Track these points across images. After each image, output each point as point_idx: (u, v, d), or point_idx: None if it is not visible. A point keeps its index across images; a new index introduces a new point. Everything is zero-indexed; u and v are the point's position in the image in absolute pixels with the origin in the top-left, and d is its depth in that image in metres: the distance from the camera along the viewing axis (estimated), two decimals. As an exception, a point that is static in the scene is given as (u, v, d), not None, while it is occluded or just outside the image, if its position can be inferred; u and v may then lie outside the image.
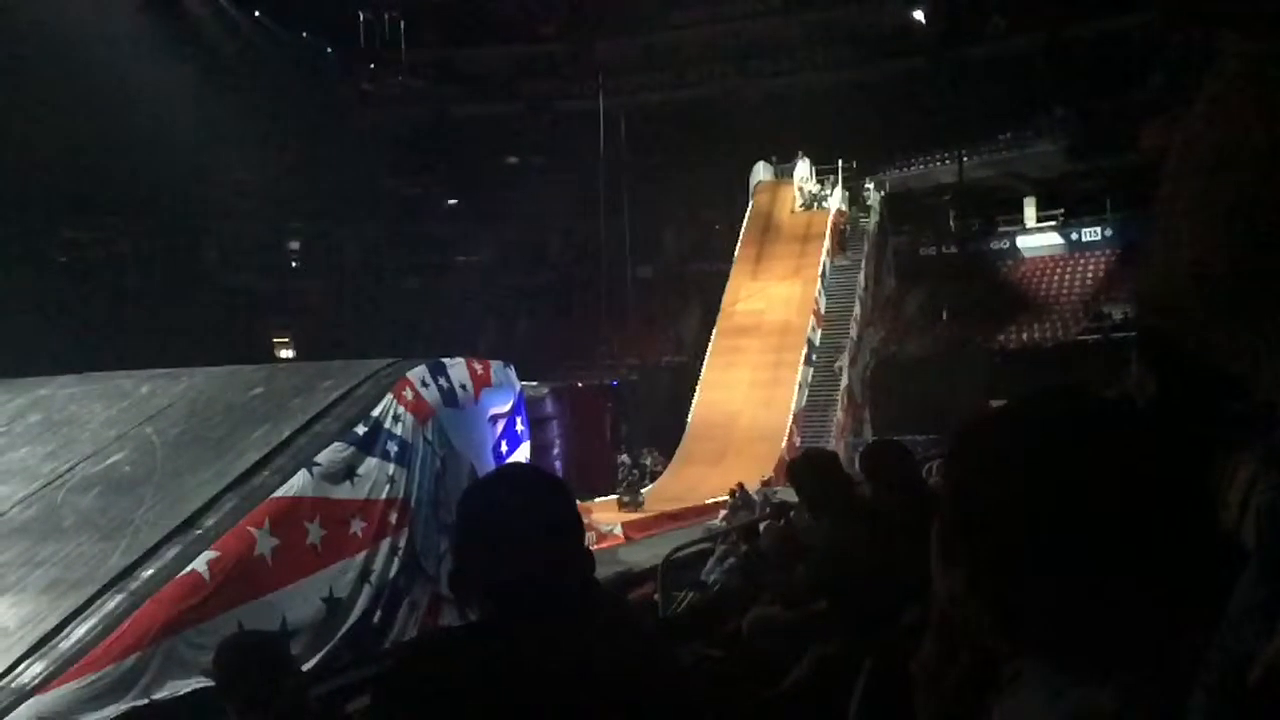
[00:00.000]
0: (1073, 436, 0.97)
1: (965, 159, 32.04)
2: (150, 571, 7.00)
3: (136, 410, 9.47)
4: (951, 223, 33.97)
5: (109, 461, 8.57)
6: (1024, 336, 29.54)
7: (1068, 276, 32.10)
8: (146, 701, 6.43)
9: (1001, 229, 34.14)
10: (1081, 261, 32.24)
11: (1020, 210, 34.21)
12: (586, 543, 1.73)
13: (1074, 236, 32.91)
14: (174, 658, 6.67)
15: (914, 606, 2.73)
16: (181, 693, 6.54)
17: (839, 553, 3.33)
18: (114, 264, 34.69)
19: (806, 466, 4.16)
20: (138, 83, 27.23)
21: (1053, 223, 33.53)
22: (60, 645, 6.37)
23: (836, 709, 2.99)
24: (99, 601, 6.71)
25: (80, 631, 6.45)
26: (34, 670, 6.17)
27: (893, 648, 2.61)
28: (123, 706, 6.31)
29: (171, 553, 7.19)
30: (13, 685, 6.09)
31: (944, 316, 30.58)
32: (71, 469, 8.51)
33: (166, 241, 35.57)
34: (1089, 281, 31.27)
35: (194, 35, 32.51)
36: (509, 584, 1.56)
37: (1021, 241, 33.74)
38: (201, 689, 6.34)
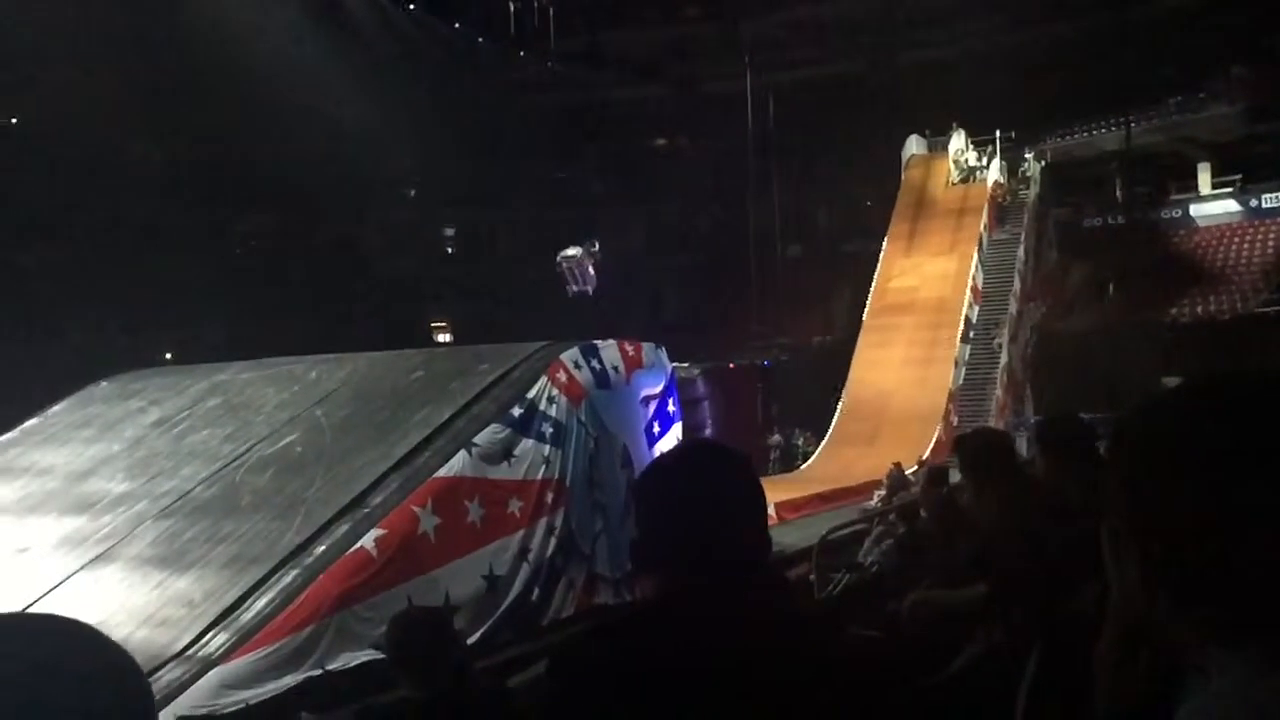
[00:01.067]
0: (1271, 417, 0.90)
1: (1132, 125, 30.56)
2: (322, 548, 7.31)
3: (306, 394, 9.89)
4: (1118, 192, 32.51)
5: (282, 443, 8.98)
6: (1198, 310, 28.04)
7: (1246, 245, 30.28)
8: (321, 671, 6.71)
9: (1173, 197, 32.47)
10: (1262, 229, 30.37)
11: (1193, 177, 32.45)
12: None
13: (1253, 203, 31.01)
14: (346, 630, 6.95)
15: (1086, 592, 2.62)
16: (353, 664, 6.81)
17: (1007, 534, 3.22)
18: (282, 254, 36.36)
19: (976, 443, 4.04)
20: (302, 79, 28.39)
21: (1229, 189, 31.65)
22: (242, 618, 6.72)
23: (1003, 698, 2.90)
24: (276, 576, 7.05)
25: (259, 605, 6.78)
26: (218, 641, 6.51)
27: (1063, 636, 2.51)
28: (299, 676, 6.60)
29: (341, 530, 7.49)
30: (199, 655, 6.45)
31: (1110, 290, 29.29)
32: (249, 450, 8.95)
33: (330, 232, 37.08)
34: (1270, 250, 29.44)
35: (352, 30, 33.65)
36: (692, 561, 1.55)
37: (1195, 209, 32.00)
38: (372, 660, 6.60)
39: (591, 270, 24.05)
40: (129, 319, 28.19)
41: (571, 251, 24.46)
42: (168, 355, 26.49)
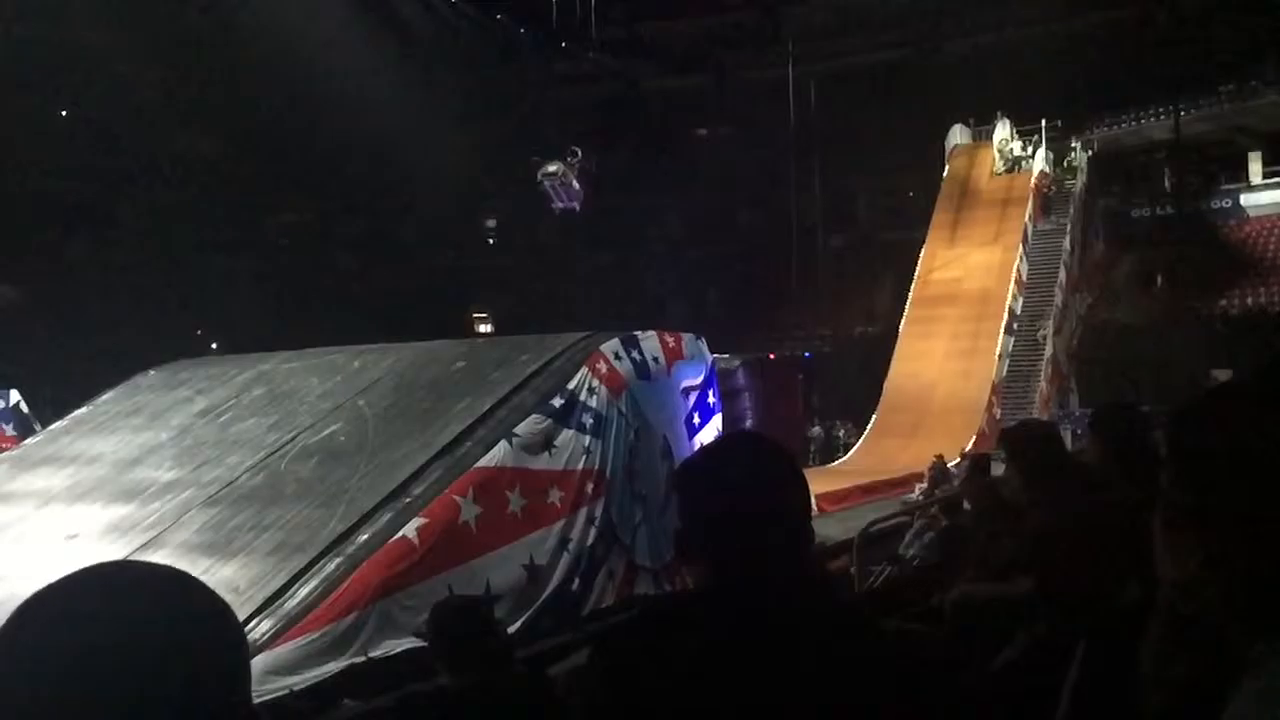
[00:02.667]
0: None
1: (1182, 113, 30.03)
2: (365, 536, 7.37)
3: (349, 384, 9.97)
4: (1166, 182, 31.98)
5: (326, 432, 9.07)
6: (1248, 301, 27.58)
7: (1300, 236, 29.77)
8: (364, 659, 6.77)
9: (1223, 187, 31.89)
10: (1314, 220, 29.85)
11: (1244, 166, 31.86)
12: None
13: (1306, 193, 30.47)
14: (388, 618, 7.01)
15: (1134, 587, 2.59)
16: (395, 652, 6.86)
17: (1054, 527, 3.18)
18: (324, 245, 36.70)
19: (1023, 435, 3.99)
20: (343, 70, 28.60)
21: (1281, 178, 31.14)
22: (286, 604, 6.78)
23: (1046, 694, 2.87)
24: (319, 564, 7.11)
25: (303, 592, 6.85)
26: (263, 627, 6.59)
27: (1109, 631, 2.48)
28: (343, 663, 6.66)
29: (384, 519, 7.54)
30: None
31: (1158, 281, 28.85)
32: (293, 439, 9.04)
33: (371, 224, 37.37)
34: (1323, 241, 28.92)
35: (394, 21, 33.83)
36: (736, 552, 1.55)
37: (1246, 199, 31.44)
38: (413, 648, 6.65)
39: (576, 184, 22.35)
40: (175, 308, 28.57)
41: (553, 168, 22.86)
42: (213, 345, 26.86)
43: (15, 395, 13.96)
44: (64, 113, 30.36)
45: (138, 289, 28.20)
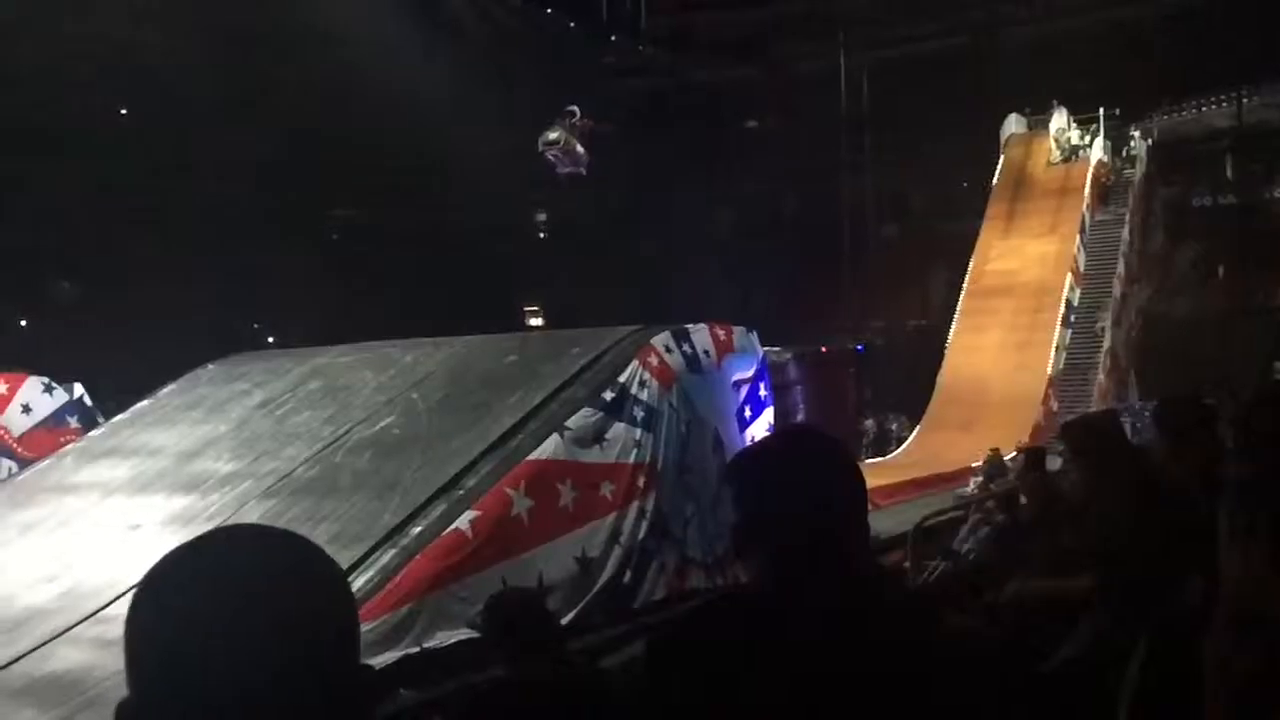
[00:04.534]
0: None
1: (1245, 100, 29.36)
2: (419, 529, 7.44)
3: (403, 377, 10.07)
4: (1229, 170, 31.26)
5: (380, 425, 9.16)
6: (1314, 293, 26.93)
7: (1367, 226, 28.95)
8: (419, 649, 6.84)
9: (1289, 175, 31.16)
10: (1384, 209, 29.03)
11: (1312, 154, 31.08)
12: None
13: (1374, 182, 29.66)
14: (442, 610, 7.07)
15: (1197, 583, 2.54)
16: (449, 643, 6.93)
17: (1117, 522, 3.13)
18: (378, 240, 37.06)
19: (1086, 430, 3.93)
20: (394, 63, 28.85)
21: (1349, 166, 30.32)
22: (343, 595, 6.86)
23: (1106, 690, 2.83)
24: (374, 556, 7.19)
25: (359, 583, 6.92)
26: (320, 618, 6.66)
27: (1172, 628, 2.44)
28: (398, 654, 6.73)
29: (437, 511, 7.61)
30: (303, 632, 6.60)
31: (1220, 273, 28.28)
32: (348, 432, 9.15)
33: (423, 217, 37.67)
34: (1392, 232, 28.11)
35: (444, 15, 34.05)
36: (794, 547, 1.54)
37: (1311, 188, 30.67)
38: (468, 640, 6.71)
39: (580, 149, 21.08)
40: (232, 303, 29.05)
41: (553, 135, 20.98)
42: (269, 339, 27.26)
43: (79, 389, 14.24)
44: (123, 111, 30.93)
45: (196, 284, 28.69)
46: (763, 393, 11.32)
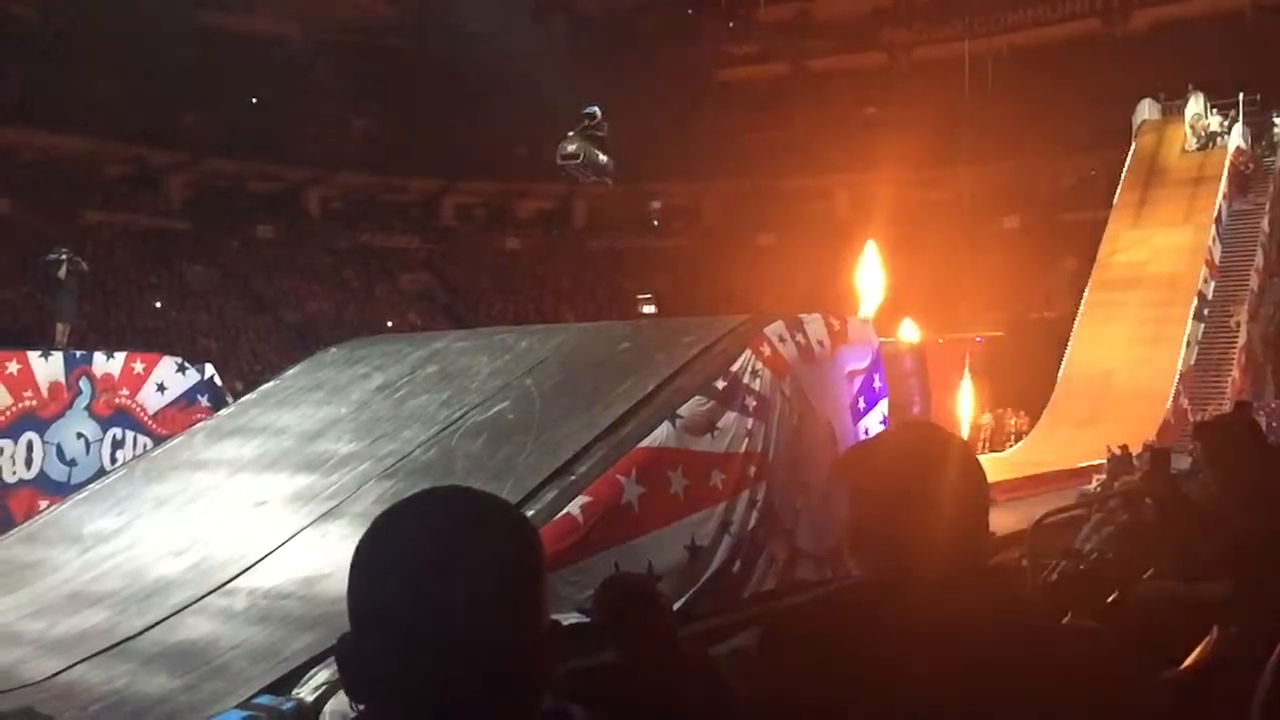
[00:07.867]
0: None
1: (1398, 81, 27.69)
2: (531, 513, 7.51)
3: (517, 363, 10.18)
4: (1377, 158, 29.57)
5: (494, 410, 9.28)
6: None
7: None
8: (531, 632, 6.91)
9: None
10: None
11: None
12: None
13: None
14: (553, 593, 7.11)
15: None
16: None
17: (1257, 529, 2.99)
18: (495, 227, 37.63)
19: (1223, 430, 3.77)
20: (512, 51, 29.20)
21: None
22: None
23: (1237, 698, 2.71)
24: (488, 539, 7.29)
25: (475, 565, 7.04)
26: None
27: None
28: (511, 636, 6.82)
29: (549, 496, 7.69)
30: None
31: (1365, 264, 26.79)
32: (464, 416, 9.30)
33: (538, 206, 38.10)
34: None
35: (564, 4, 34.37)
36: (908, 545, 1.51)
37: None
38: (578, 624, 6.76)
39: (602, 156, 19.64)
40: (355, 289, 29.86)
41: (571, 148, 19.37)
42: (389, 324, 27.93)
43: (210, 369, 14.81)
44: (254, 100, 32.05)
45: (317, 269, 29.57)
46: (877, 384, 11.12)
